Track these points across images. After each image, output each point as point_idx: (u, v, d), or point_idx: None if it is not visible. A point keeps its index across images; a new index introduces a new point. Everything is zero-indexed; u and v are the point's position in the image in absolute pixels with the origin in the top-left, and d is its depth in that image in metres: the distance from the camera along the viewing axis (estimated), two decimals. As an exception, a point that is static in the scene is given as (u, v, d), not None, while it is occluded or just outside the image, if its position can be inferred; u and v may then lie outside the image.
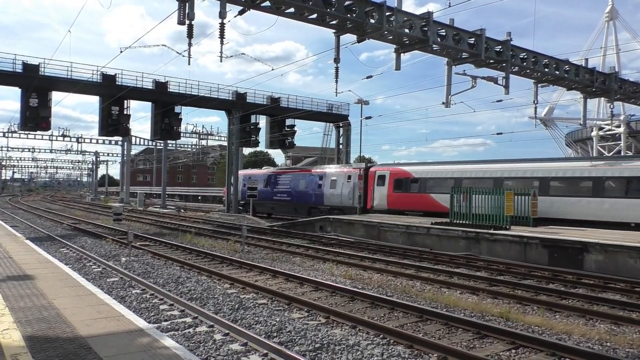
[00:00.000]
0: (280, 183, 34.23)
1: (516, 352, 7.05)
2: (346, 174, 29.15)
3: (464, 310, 9.44)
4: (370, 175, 27.84)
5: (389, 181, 26.58)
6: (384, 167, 28.26)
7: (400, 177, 26.21)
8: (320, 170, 31.86)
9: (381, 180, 26.99)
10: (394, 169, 27.19)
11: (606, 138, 50.74)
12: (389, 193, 26.43)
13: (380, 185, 26.94)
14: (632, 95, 24.00)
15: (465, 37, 17.70)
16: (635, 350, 7.28)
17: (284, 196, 33.69)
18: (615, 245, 13.71)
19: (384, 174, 27.03)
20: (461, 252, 17.42)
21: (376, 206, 27.08)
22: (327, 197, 29.87)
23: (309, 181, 31.68)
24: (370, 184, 27.57)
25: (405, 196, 25.65)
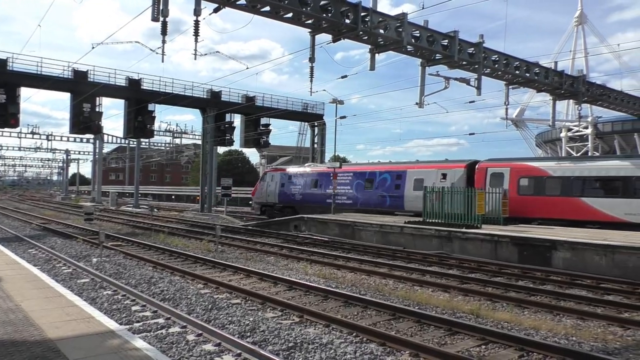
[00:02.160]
0: (339, 183, 27.92)
1: (486, 348, 7.20)
2: (440, 171, 24.11)
3: (436, 308, 9.58)
4: (478, 173, 22.57)
5: (511, 180, 21.32)
6: (498, 162, 22.92)
7: (529, 176, 21.09)
8: (398, 167, 26.45)
9: (497, 180, 21.71)
10: (517, 165, 21.86)
11: (574, 139, 52.08)
12: (511, 196, 21.02)
13: (496, 185, 21.52)
14: (599, 98, 24.65)
15: (439, 38, 17.92)
16: (599, 344, 7.51)
17: (342, 199, 27.78)
18: (582, 243, 14.10)
19: (500, 172, 21.85)
20: (434, 250, 17.65)
21: (489, 213, 21.18)
22: (410, 201, 24.34)
23: (381, 181, 26.27)
24: (479, 183, 22.05)
25: (538, 200, 20.38)
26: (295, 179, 30.99)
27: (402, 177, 25.36)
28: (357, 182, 27.47)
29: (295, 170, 32.27)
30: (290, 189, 30.93)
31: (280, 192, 31.43)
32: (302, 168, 32.13)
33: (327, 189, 27.91)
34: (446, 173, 23.68)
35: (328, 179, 28.13)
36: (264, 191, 32.65)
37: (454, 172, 23.44)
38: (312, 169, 31.35)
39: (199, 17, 13.36)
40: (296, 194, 30.45)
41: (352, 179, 27.88)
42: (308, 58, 16.69)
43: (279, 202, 31.49)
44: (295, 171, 31.96)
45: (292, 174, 31.52)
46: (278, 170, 33.27)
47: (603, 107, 27.14)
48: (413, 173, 24.97)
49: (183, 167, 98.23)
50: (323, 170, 29.74)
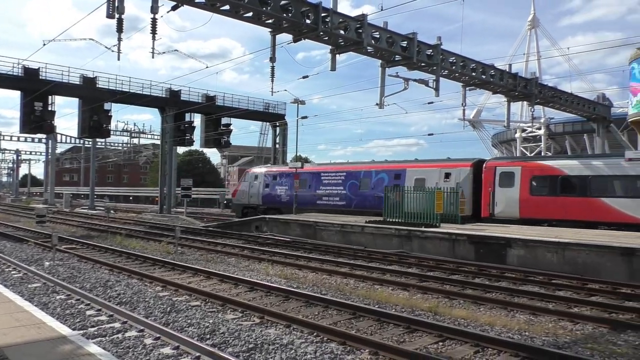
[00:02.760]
0: (328, 183, 26.96)
1: (443, 345, 7.34)
2: (443, 170, 22.73)
3: (395, 306, 9.72)
4: (486, 172, 21.34)
5: (522, 180, 20.19)
6: (507, 161, 22.34)
7: (542, 175, 19.99)
8: (396, 166, 24.95)
9: (507, 180, 20.60)
10: (530, 164, 20.95)
11: (528, 139, 53.85)
12: (523, 197, 20.02)
13: (506, 185, 20.52)
14: (551, 100, 25.57)
15: (398, 40, 18.18)
16: (550, 338, 7.78)
17: (334, 200, 26.27)
18: (535, 240, 14.60)
19: (511, 171, 20.65)
20: (394, 249, 17.89)
21: (499, 214, 20.61)
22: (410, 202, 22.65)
23: (378, 181, 24.79)
24: (487, 184, 21.07)
25: (552, 201, 19.22)
26: (281, 178, 29.23)
27: (401, 176, 24.02)
28: (351, 182, 25.88)
29: (281, 169, 30.53)
30: (275, 190, 29.25)
31: (265, 193, 29.69)
32: (289, 167, 30.41)
33: (318, 189, 26.88)
34: (450, 172, 22.42)
35: (319, 178, 27.22)
36: (246, 192, 30.76)
37: (458, 171, 22.18)
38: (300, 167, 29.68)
39: (156, 14, 13.13)
40: (282, 195, 28.77)
41: (344, 179, 26.20)
42: (269, 58, 16.65)
43: (263, 203, 29.69)
44: (281, 170, 30.13)
45: (278, 174, 29.78)
46: (262, 170, 31.36)
47: (554, 109, 28.20)
48: (413, 172, 23.69)
49: (141, 167, 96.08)
50: (312, 170, 28.62)
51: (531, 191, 19.97)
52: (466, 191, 21.46)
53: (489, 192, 20.96)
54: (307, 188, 27.61)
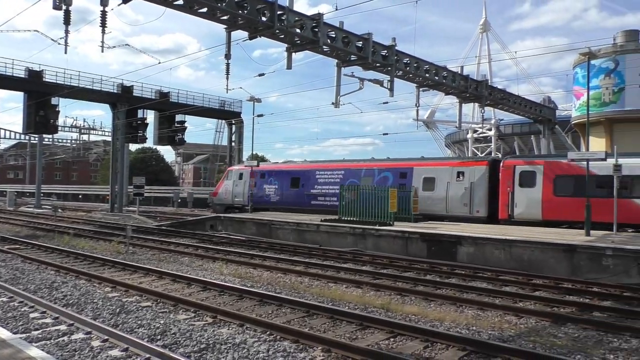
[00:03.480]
0: (324, 182, 25.37)
1: (394, 340, 7.49)
2: (455, 169, 21.56)
3: (349, 304, 9.82)
4: (504, 171, 20.17)
5: (545, 180, 19.14)
6: (528, 160, 20.90)
7: (567, 175, 18.87)
8: (402, 165, 23.55)
9: (528, 179, 19.58)
10: (553, 162, 19.68)
11: (479, 140, 55.48)
12: (546, 197, 19.00)
13: (527, 185, 19.49)
14: (500, 102, 26.48)
15: (354, 40, 18.37)
16: (496, 332, 8.07)
17: (332, 201, 24.30)
18: (484, 238, 15.09)
19: (532, 170, 19.63)
20: (349, 247, 18.07)
21: (519, 215, 19.48)
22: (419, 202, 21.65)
23: (381, 180, 23.48)
24: (505, 184, 19.87)
25: (579, 202, 17.44)
26: (270, 177, 27.77)
27: (407, 175, 22.74)
28: (350, 181, 24.41)
29: (270, 167, 29.08)
30: (263, 189, 27.83)
31: (251, 193, 28.17)
32: (280, 164, 29.02)
33: (312, 188, 25.40)
34: (463, 171, 21.20)
35: (313, 177, 25.79)
36: (229, 191, 29.14)
37: (473, 170, 20.97)
38: (292, 165, 28.68)
39: (106, 7, 12.76)
40: (272, 195, 27.35)
41: (343, 177, 24.87)
42: (224, 55, 16.48)
43: (249, 203, 27.94)
44: (270, 168, 28.79)
45: (267, 171, 28.29)
46: (248, 167, 29.38)
47: (504, 111, 29.20)
48: (421, 171, 22.36)
49: (92, 165, 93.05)
50: (305, 168, 27.08)
51: (555, 191, 18.89)
52: (481, 191, 20.45)
53: (507, 192, 19.71)
54: (299, 187, 26.22)
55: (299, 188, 26.29)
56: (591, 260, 13.23)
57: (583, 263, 13.36)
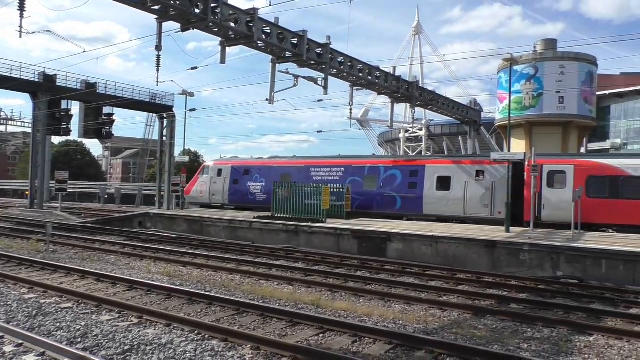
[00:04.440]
0: (319, 180, 23.57)
1: (324, 336, 7.58)
2: (474, 167, 20.31)
3: (280, 301, 9.83)
4: (530, 171, 18.45)
5: (576, 181, 18.11)
6: (556, 159, 19.86)
7: (600, 176, 18.04)
8: (412, 162, 22.05)
9: (557, 179, 18.70)
10: (585, 162, 18.85)
11: (411, 139, 57.18)
12: None
13: (556, 186, 18.62)
14: (430, 103, 27.38)
15: (289, 36, 18.34)
16: (421, 326, 8.37)
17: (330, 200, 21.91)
18: (412, 234, 15.59)
19: (562, 170, 18.64)
20: (282, 244, 18.08)
21: (548, 218, 18.52)
22: (431, 203, 20.52)
23: (388, 178, 21.91)
24: (530, 184, 18.48)
25: (613, 204, 17.39)
26: (256, 173, 25.82)
27: (418, 174, 21.32)
28: (352, 179, 23.05)
29: (255, 162, 27.02)
30: (247, 187, 25.84)
31: (233, 191, 26.25)
32: (266, 160, 27.12)
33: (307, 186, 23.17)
34: (483, 170, 20.07)
35: (307, 173, 23.99)
36: (207, 189, 27.12)
37: (494, 169, 19.80)
38: (281, 161, 26.51)
39: (25, -10, 11.95)
40: (257, 193, 25.37)
41: (343, 174, 23.36)
42: (155, 46, 15.96)
43: (230, 202, 26.37)
44: (255, 164, 26.76)
45: (252, 168, 26.30)
46: (228, 163, 27.43)
47: (433, 111, 30.21)
48: (434, 169, 20.94)
49: (10, 157, 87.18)
50: (300, 164, 25.06)
51: (588, 193, 17.82)
52: (503, 192, 18.75)
53: (531, 193, 18.50)
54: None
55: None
56: (510, 255, 14.01)
57: (503, 258, 14.12)
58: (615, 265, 12.65)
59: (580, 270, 13.03)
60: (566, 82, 41.46)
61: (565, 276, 13.03)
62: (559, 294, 11.09)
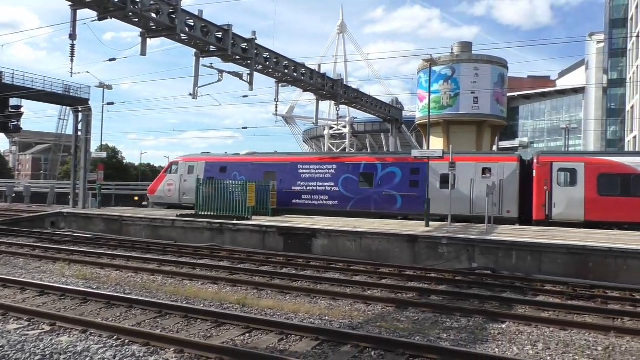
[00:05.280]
0: (309, 178, 22.49)
1: (250, 336, 7.50)
2: (480, 165, 19.93)
3: (204, 301, 9.61)
4: (540, 168, 18.78)
5: (587, 178, 18.13)
6: (566, 156, 19.99)
7: (612, 173, 18.03)
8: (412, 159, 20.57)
9: (568, 177, 18.58)
10: (596, 160, 18.75)
11: (335, 136, 58.01)
12: (589, 197, 18.04)
13: (567, 184, 18.48)
14: (354, 101, 27.92)
15: (213, 30, 17.96)
16: (347, 321, 8.51)
17: (322, 200, 21.99)
18: (337, 230, 15.82)
19: (572, 168, 18.49)
20: (206, 243, 17.70)
21: (559, 216, 18.36)
22: (435, 200, 19.12)
23: (386, 176, 20.92)
24: (541, 182, 18.51)
25: (626, 202, 17.55)
26: (234, 171, 23.99)
27: (420, 171, 20.31)
28: (346, 177, 21.92)
29: (233, 159, 25.22)
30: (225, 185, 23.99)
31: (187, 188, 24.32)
32: (246, 156, 25.56)
33: (295, 185, 22.36)
34: (490, 167, 19.63)
35: (294, 171, 22.47)
36: (176, 188, 24.84)
37: (501, 166, 19.48)
38: (264, 157, 24.88)
39: None
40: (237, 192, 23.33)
41: (336, 172, 22.09)
42: (69, 34, 15.06)
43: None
44: (233, 160, 24.92)
45: (228, 164, 24.47)
46: (201, 159, 25.36)
47: (357, 109, 30.85)
48: (438, 166, 19.93)
49: None
50: (286, 160, 23.46)
51: (599, 191, 17.99)
52: (512, 190, 19.05)
53: (544, 191, 18.40)
54: (277, 183, 22.83)
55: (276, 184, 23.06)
56: (430, 248, 14.60)
57: (423, 251, 14.69)
58: (524, 256, 13.54)
59: (493, 262, 13.82)
60: (480, 84, 43.87)
61: (480, 267, 13.79)
62: (474, 285, 11.70)
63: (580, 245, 13.06)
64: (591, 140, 58.65)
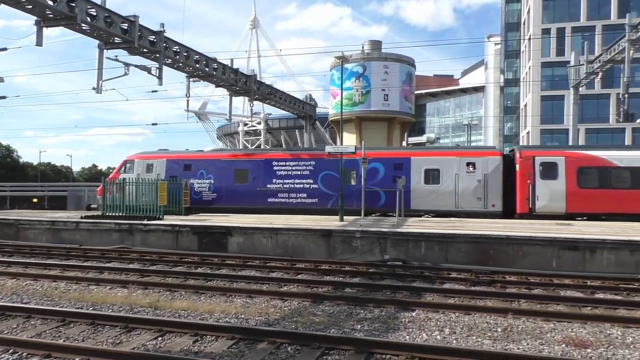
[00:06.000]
0: (285, 175, 21.64)
1: (162, 339, 7.25)
2: (464, 159, 19.85)
3: (113, 306, 9.16)
4: (523, 162, 19.10)
5: (568, 172, 18.76)
6: (546, 150, 20.44)
7: (590, 167, 18.80)
8: (394, 154, 20.82)
9: (550, 171, 18.95)
10: (575, 153, 19.38)
11: (250, 133, 57.50)
12: (570, 190, 18.63)
13: (549, 177, 18.88)
14: (268, 97, 27.83)
15: (118, 21, 17.07)
16: (263, 318, 8.49)
17: (300, 197, 21.32)
18: (252, 227, 15.72)
19: (553, 161, 19.00)
20: (115, 245, 16.85)
21: (542, 209, 18.82)
22: (419, 197, 19.66)
23: (368, 172, 20.05)
24: (525, 175, 18.92)
25: (603, 194, 18.37)
26: (201, 169, 22.63)
27: (403, 166, 20.30)
28: (326, 173, 21.25)
29: (198, 156, 23.66)
30: (191, 185, 22.51)
31: None
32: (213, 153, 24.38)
33: (270, 183, 21.36)
34: (474, 162, 19.70)
35: (269, 169, 21.39)
36: None
37: (485, 160, 19.63)
38: (234, 154, 23.71)
39: None
40: (204, 192, 22.38)
41: (314, 169, 21.39)
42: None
43: None
44: (199, 157, 23.38)
45: (194, 162, 22.96)
46: (160, 157, 23.51)
47: (271, 105, 30.77)
48: (422, 162, 20.08)
49: None
50: (260, 157, 22.11)
51: (579, 184, 18.71)
52: (496, 184, 19.39)
53: (527, 184, 18.87)
54: (249, 182, 21.87)
55: (248, 183, 22.03)
56: (344, 242, 14.93)
57: (338, 245, 14.99)
58: (431, 247, 14.25)
59: (403, 253, 14.41)
60: (390, 81, 45.45)
61: (392, 259, 14.32)
62: (386, 276, 12.13)
63: (481, 234, 13.98)
64: (490, 136, 62.96)
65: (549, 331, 7.73)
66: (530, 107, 51.46)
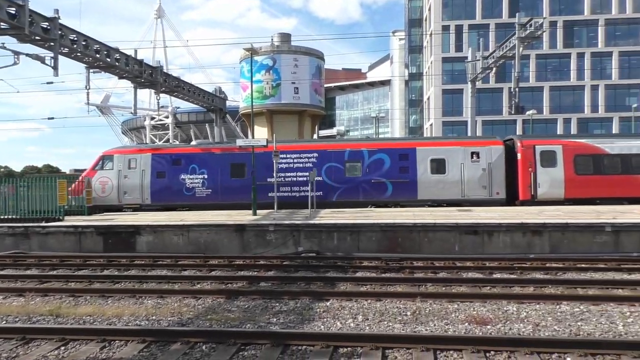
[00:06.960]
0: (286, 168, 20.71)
1: (66, 349, 6.82)
2: (469, 149, 20.33)
3: (7, 317, 8.46)
4: (524, 151, 19.94)
5: (565, 160, 19.80)
6: (545, 139, 21.19)
7: (586, 154, 19.89)
8: (399, 145, 20.97)
9: (549, 159, 19.85)
10: (571, 142, 20.36)
11: (157, 127, 55.34)
12: (568, 176, 19.71)
13: (549, 165, 19.77)
14: (175, 89, 26.90)
15: (3, 5, 15.63)
16: (176, 317, 8.25)
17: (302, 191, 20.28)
18: (162, 225, 15.20)
19: (552, 150, 19.95)
20: (9, 251, 15.53)
21: (543, 195, 19.70)
22: (426, 187, 20.08)
23: (374, 163, 20.27)
24: (526, 164, 19.75)
25: (597, 180, 19.61)
26: (192, 163, 21.12)
27: (409, 157, 20.34)
28: (330, 165, 20.64)
29: (188, 150, 22.04)
30: (180, 181, 20.99)
31: (158, 187, 21.04)
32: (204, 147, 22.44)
33: (270, 176, 19.65)
34: (478, 151, 20.20)
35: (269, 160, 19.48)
36: (112, 186, 21.03)
37: (489, 149, 20.27)
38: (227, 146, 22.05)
39: None
40: (197, 188, 20.93)
41: (317, 161, 20.68)
42: None
43: (154, 201, 21.00)
44: (190, 151, 21.78)
45: (184, 156, 21.42)
46: (144, 151, 21.82)
47: (179, 98, 29.78)
48: (427, 152, 20.38)
49: None
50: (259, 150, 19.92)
51: (576, 170, 19.84)
52: (500, 172, 20.12)
53: (529, 172, 19.81)
54: (246, 176, 20.46)
55: (245, 178, 20.63)
56: (258, 236, 14.88)
57: (252, 240, 14.91)
58: (344, 237, 14.61)
59: (317, 244, 14.65)
60: (300, 74, 45.75)
61: (306, 251, 14.51)
62: (301, 268, 12.27)
63: (390, 223, 14.56)
64: (397, 128, 65.55)
65: (454, 311, 8.23)
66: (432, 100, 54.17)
